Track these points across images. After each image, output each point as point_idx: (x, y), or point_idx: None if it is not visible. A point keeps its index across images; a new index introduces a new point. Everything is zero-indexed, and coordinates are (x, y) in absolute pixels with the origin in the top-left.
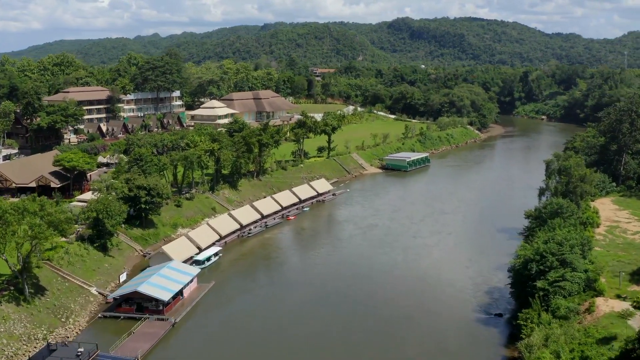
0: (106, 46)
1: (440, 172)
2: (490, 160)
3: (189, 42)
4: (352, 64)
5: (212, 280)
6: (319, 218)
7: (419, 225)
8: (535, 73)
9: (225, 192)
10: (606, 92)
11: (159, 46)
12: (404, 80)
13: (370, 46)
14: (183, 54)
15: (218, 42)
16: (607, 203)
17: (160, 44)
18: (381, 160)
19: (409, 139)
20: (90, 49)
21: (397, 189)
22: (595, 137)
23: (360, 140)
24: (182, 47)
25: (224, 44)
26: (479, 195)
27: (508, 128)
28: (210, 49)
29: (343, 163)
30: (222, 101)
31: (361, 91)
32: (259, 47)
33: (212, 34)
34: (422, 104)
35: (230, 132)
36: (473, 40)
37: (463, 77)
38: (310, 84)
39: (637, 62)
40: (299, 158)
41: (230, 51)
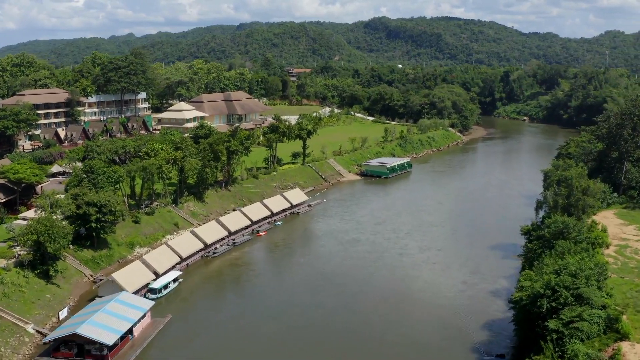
0: (80, 46)
1: (424, 178)
2: (475, 164)
3: (164, 42)
4: (329, 64)
5: (169, 313)
6: (293, 233)
7: (406, 240)
8: (517, 73)
9: (189, 205)
10: (591, 92)
11: (133, 46)
12: (382, 80)
13: (346, 46)
14: (157, 53)
15: (193, 42)
16: (610, 217)
17: (135, 44)
18: (360, 166)
19: (388, 143)
20: (64, 49)
21: (378, 198)
22: (592, 143)
23: (338, 145)
24: (157, 47)
25: (199, 43)
26: (468, 204)
27: (490, 130)
28: (185, 49)
29: (319, 170)
30: (191, 103)
31: (338, 92)
32: (234, 46)
33: (188, 34)
34: (401, 106)
35: (195, 138)
36: (450, 39)
37: (442, 77)
38: (285, 84)
39: (614, 61)
40: (271, 165)
41: (205, 51)
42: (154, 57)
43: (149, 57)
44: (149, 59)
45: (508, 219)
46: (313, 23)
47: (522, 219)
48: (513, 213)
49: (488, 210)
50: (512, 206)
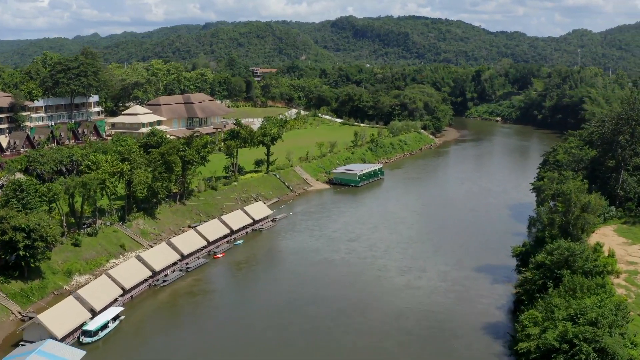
0: (43, 46)
1: (398, 186)
2: (452, 170)
3: (128, 41)
4: (295, 64)
5: None
6: (256, 254)
7: (384, 259)
8: (488, 72)
9: (139, 223)
10: (566, 92)
11: (97, 46)
12: (350, 80)
13: (313, 45)
14: (122, 53)
15: (158, 42)
16: (610, 234)
17: (100, 44)
18: (328, 173)
19: (359, 148)
20: (27, 50)
21: (351, 210)
22: (582, 149)
23: (304, 150)
24: (121, 47)
25: (164, 43)
26: (449, 216)
27: (463, 131)
28: (149, 49)
29: (284, 179)
30: (147, 106)
31: (305, 93)
32: (199, 46)
33: (153, 34)
34: (371, 107)
35: (146, 146)
36: (417, 38)
37: (411, 77)
38: (248, 85)
39: (583, 60)
40: (232, 175)
41: (170, 51)
42: (118, 57)
43: (113, 57)
44: (113, 58)
45: (495, 232)
46: (280, 22)
47: (511, 234)
48: (500, 227)
49: (472, 222)
50: (497, 218)
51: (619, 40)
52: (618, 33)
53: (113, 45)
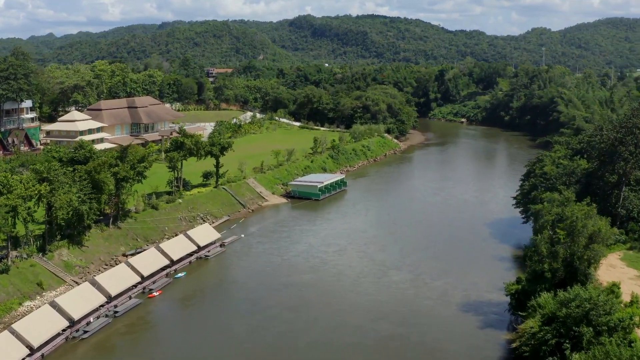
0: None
1: (363, 198)
2: (421, 178)
3: (83, 42)
4: (252, 63)
5: None
6: (201, 289)
7: (354, 294)
8: (452, 72)
9: (62, 254)
10: (535, 92)
11: (52, 46)
12: (308, 80)
13: (271, 44)
14: (75, 54)
15: (113, 42)
16: (617, 265)
17: (54, 44)
18: (286, 185)
19: (319, 155)
20: None
21: (313, 228)
22: (572, 160)
23: (259, 159)
24: (75, 47)
25: (118, 43)
26: (424, 235)
27: (427, 134)
28: (104, 49)
29: (236, 193)
30: (87, 112)
31: (261, 94)
32: (154, 46)
33: (108, 34)
34: (331, 109)
35: (72, 162)
36: (376, 37)
37: (372, 77)
38: (200, 87)
39: (542, 58)
40: (176, 191)
41: (125, 51)
42: (72, 58)
43: (67, 57)
44: (67, 59)
45: (478, 255)
46: (237, 22)
47: (497, 259)
48: (483, 247)
49: (451, 243)
50: (479, 237)
51: (579, 39)
52: (577, 31)
53: (67, 45)
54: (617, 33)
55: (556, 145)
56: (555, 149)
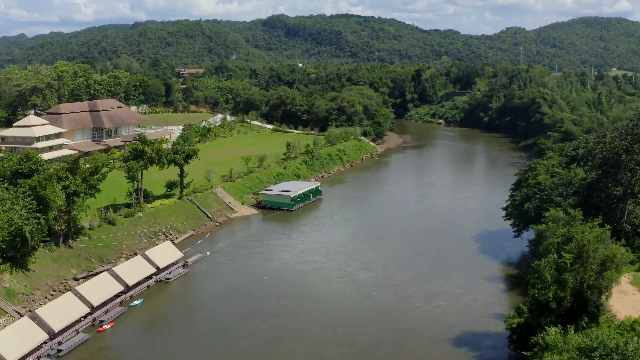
0: None
1: (340, 208)
2: (400, 184)
3: (54, 42)
4: (224, 64)
5: None
6: (159, 320)
7: (336, 324)
8: (429, 71)
9: (4, 279)
10: (515, 92)
11: (23, 47)
12: (282, 81)
13: (244, 44)
14: (46, 54)
15: (84, 42)
16: (629, 290)
17: (25, 45)
18: (256, 194)
19: (292, 160)
20: None
21: (287, 243)
22: (569, 168)
23: (229, 166)
24: (46, 47)
25: (90, 43)
26: (409, 250)
27: (405, 136)
28: (75, 49)
29: (202, 205)
30: (46, 116)
31: (233, 95)
32: (126, 46)
33: (80, 34)
34: (305, 111)
35: (15, 176)
36: (350, 37)
37: (347, 77)
38: (168, 88)
39: (517, 57)
40: (135, 203)
41: (96, 51)
42: (43, 59)
43: (37, 58)
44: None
45: (471, 275)
46: (210, 21)
47: (490, 279)
48: (475, 267)
49: (439, 260)
50: (468, 254)
51: (553, 38)
52: (552, 31)
53: (38, 46)
54: (591, 32)
55: (549, 152)
56: (548, 156)
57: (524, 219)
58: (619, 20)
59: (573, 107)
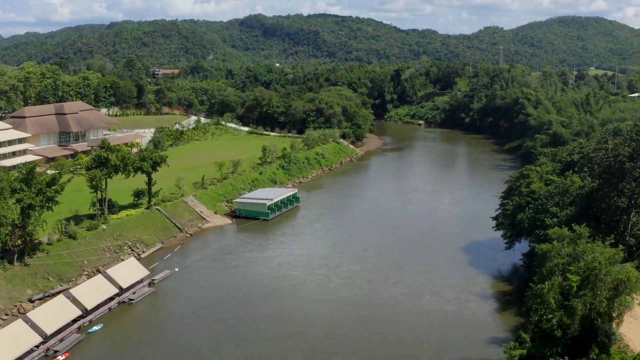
0: None
1: (319, 216)
2: (381, 190)
3: (29, 42)
4: (200, 64)
5: None
6: (120, 347)
7: (316, 353)
8: (408, 71)
9: None
10: (497, 92)
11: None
12: (258, 81)
13: (221, 44)
14: (21, 55)
15: (59, 42)
16: (638, 312)
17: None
18: (230, 203)
19: (268, 165)
20: None
21: (264, 256)
22: (565, 176)
23: (202, 171)
24: (21, 47)
25: (65, 44)
26: (396, 263)
27: (385, 138)
28: (50, 50)
29: (172, 215)
30: (10, 120)
31: (208, 96)
32: (101, 46)
33: (56, 34)
34: (282, 113)
35: None
36: (328, 37)
37: (325, 77)
38: (140, 90)
39: (495, 57)
40: (99, 215)
41: (72, 51)
42: (17, 59)
43: (12, 58)
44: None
45: (462, 293)
46: (187, 21)
47: (483, 297)
48: (466, 283)
49: (427, 274)
50: (459, 266)
51: (531, 38)
52: (530, 30)
53: (13, 46)
54: (569, 31)
55: (541, 157)
56: (541, 162)
57: (517, 230)
58: (596, 20)
59: (559, 108)
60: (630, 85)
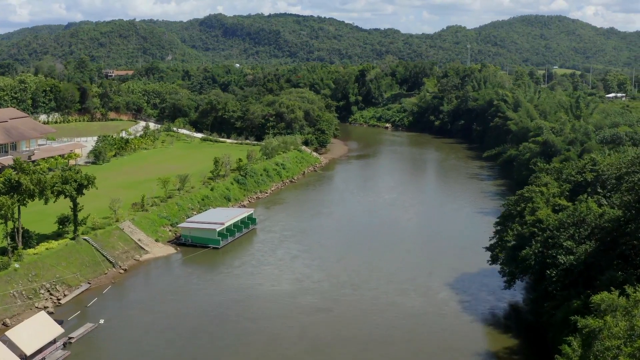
0: None
1: (280, 241)
2: (351, 205)
3: None
4: (155, 64)
5: None
6: None
7: None
8: (374, 71)
9: None
10: (469, 94)
11: None
12: (216, 82)
13: (180, 44)
14: None
15: (14, 43)
16: None
17: None
18: (174, 226)
19: (221, 180)
20: None
21: (211, 299)
22: (579, 201)
23: (145, 188)
24: None
25: (20, 45)
26: (371, 303)
27: (350, 143)
28: (4, 51)
29: (103, 246)
30: None
31: (160, 100)
32: (57, 47)
33: (13, 35)
34: (239, 118)
35: None
36: (289, 37)
37: (286, 78)
38: (84, 94)
39: (458, 56)
40: (12, 250)
41: (27, 52)
42: None
43: None
44: None
45: (451, 342)
46: (145, 21)
47: (476, 354)
48: (464, 342)
49: (413, 329)
50: (445, 308)
51: (494, 37)
52: (492, 29)
53: None
54: (532, 30)
55: (543, 175)
56: (543, 181)
57: (521, 268)
58: (559, 19)
59: (542, 112)
60: (606, 85)
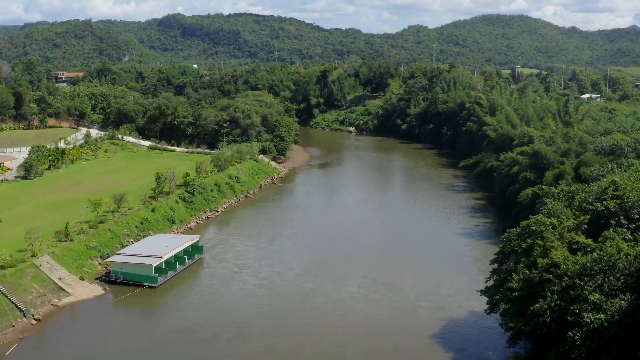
0: None
1: (234, 275)
2: (312, 227)
3: None
4: (107, 66)
5: None
6: None
7: None
8: (336, 72)
9: None
10: (438, 96)
11: None
12: (171, 84)
13: (138, 45)
14: None
15: None
16: None
17: None
18: (105, 259)
19: (164, 197)
20: None
21: (147, 355)
22: (604, 238)
23: (77, 209)
24: None
25: None
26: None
27: (312, 150)
28: None
29: (13, 289)
30: None
31: (107, 104)
32: (11, 48)
33: None
34: (190, 124)
35: None
36: (249, 37)
37: (244, 79)
38: (19, 99)
39: (420, 56)
40: None
41: None
42: None
43: None
44: None
45: None
46: (102, 21)
47: None
48: None
49: None
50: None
51: (456, 36)
52: (454, 29)
53: None
54: (494, 30)
55: (549, 202)
56: (553, 209)
57: (532, 325)
58: (521, 18)
59: (523, 116)
60: (579, 85)
